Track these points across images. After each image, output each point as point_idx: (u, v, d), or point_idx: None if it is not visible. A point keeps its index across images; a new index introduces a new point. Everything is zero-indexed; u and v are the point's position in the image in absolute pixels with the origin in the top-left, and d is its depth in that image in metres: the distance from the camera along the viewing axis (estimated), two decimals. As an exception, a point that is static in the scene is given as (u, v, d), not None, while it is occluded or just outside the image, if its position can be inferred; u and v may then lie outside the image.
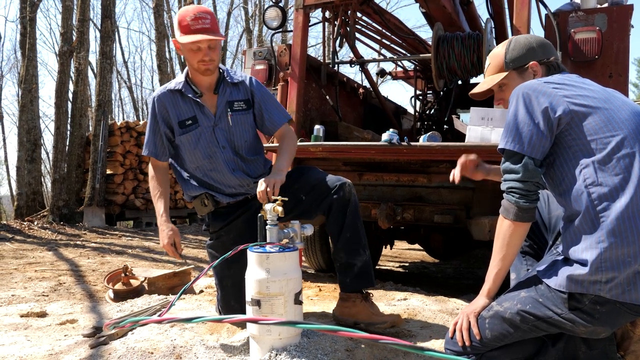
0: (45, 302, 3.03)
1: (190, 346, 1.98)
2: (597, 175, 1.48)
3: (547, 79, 1.66)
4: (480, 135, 2.99)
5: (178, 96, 2.33)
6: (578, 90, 1.60)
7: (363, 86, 5.07)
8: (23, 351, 2.05)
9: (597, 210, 1.46)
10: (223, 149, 2.33)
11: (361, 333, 1.05)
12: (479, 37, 3.91)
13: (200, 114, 2.31)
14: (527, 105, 1.59)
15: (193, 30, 2.16)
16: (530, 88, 1.62)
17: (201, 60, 2.22)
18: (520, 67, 1.79)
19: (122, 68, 25.15)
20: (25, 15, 9.94)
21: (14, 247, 5.74)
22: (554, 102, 1.56)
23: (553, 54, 1.80)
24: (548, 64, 1.78)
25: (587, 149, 1.52)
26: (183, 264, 4.42)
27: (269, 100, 2.44)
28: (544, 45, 1.81)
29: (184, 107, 2.32)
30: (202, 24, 2.17)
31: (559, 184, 1.60)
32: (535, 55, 1.78)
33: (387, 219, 3.29)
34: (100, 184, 8.68)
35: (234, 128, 2.35)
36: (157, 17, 15.09)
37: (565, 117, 1.54)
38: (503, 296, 1.70)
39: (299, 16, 3.76)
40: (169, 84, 2.38)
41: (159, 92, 2.36)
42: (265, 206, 1.99)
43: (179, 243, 2.32)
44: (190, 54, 2.23)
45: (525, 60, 1.78)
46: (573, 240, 1.52)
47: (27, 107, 9.32)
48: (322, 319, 2.46)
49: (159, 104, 2.33)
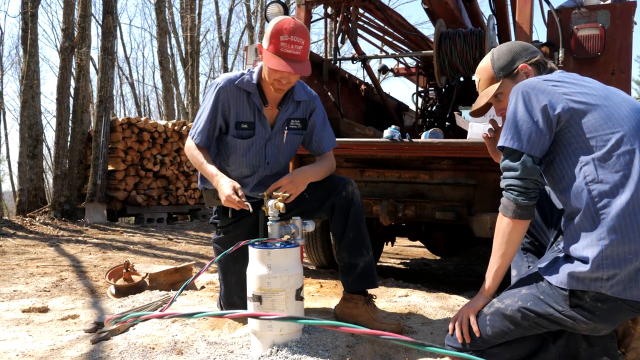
0: (47, 297, 3.04)
1: (191, 342, 1.99)
2: (597, 173, 1.48)
3: (546, 77, 1.66)
4: (482, 131, 2.98)
5: (244, 96, 2.24)
6: (577, 87, 1.60)
7: (365, 83, 5.06)
8: (25, 346, 2.05)
9: (597, 207, 1.46)
10: (267, 165, 2.31)
11: (362, 328, 1.06)
12: (482, 34, 3.90)
13: (259, 123, 2.26)
14: (526, 103, 1.59)
15: (282, 53, 2.05)
16: (530, 86, 1.62)
17: (278, 81, 2.14)
18: (510, 72, 1.80)
19: (124, 64, 25.17)
20: (26, 11, 9.93)
21: (15, 243, 5.75)
22: (553, 99, 1.56)
23: (537, 53, 1.82)
24: (537, 63, 1.79)
25: (587, 146, 1.52)
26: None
27: (323, 124, 2.40)
28: (526, 47, 1.83)
29: (246, 109, 2.25)
30: (292, 50, 2.05)
31: (559, 181, 1.60)
32: (521, 57, 1.80)
33: (389, 216, 3.29)
34: (101, 180, 8.69)
35: (286, 146, 2.33)
36: (158, 14, 15.07)
37: (565, 115, 1.54)
38: (504, 293, 1.70)
39: (301, 12, 3.76)
40: (238, 77, 2.25)
41: (225, 83, 2.23)
42: (267, 203, 1.99)
43: (241, 190, 2.05)
44: (270, 72, 2.13)
45: (513, 65, 1.80)
46: (574, 238, 1.52)
47: (28, 103, 9.32)
48: (323, 315, 2.47)
49: (224, 95, 2.22)
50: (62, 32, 9.34)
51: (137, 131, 9.26)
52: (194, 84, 17.86)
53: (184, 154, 10.02)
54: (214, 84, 2.26)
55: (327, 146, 2.41)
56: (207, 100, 2.27)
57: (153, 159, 9.45)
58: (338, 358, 1.80)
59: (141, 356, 1.85)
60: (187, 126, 10.15)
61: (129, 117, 9.37)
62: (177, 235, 7.51)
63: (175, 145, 9.86)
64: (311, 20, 3.94)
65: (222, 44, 20.85)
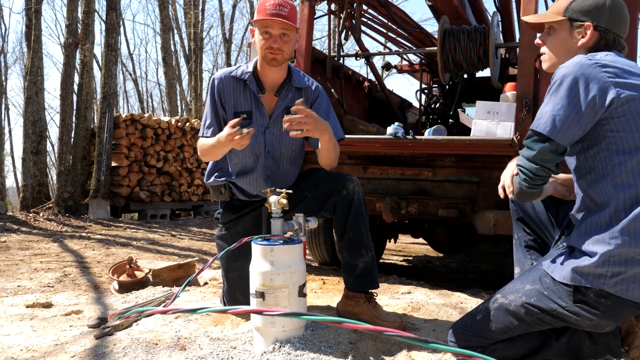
0: (50, 293, 3.05)
1: (194, 337, 1.99)
2: (628, 174, 1.46)
3: (599, 59, 1.51)
4: (486, 129, 2.98)
5: (241, 86, 2.26)
6: (630, 78, 1.48)
7: (368, 79, 5.05)
8: (29, 341, 2.06)
9: (619, 208, 1.45)
10: (267, 154, 2.29)
11: (365, 325, 1.05)
12: (486, 31, 3.89)
13: (256, 111, 2.25)
14: (571, 89, 1.48)
15: (268, 13, 2.10)
16: (580, 70, 1.48)
17: (269, 47, 2.13)
18: (575, 20, 1.64)
19: (127, 60, 25.23)
20: (30, 7, 9.94)
21: (19, 239, 5.77)
22: (603, 88, 1.45)
23: (616, 27, 1.62)
24: (603, 34, 1.61)
25: (623, 144, 1.47)
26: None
27: (327, 113, 2.34)
28: (616, 13, 1.62)
29: (243, 99, 2.26)
30: (279, 10, 2.09)
31: (587, 172, 1.56)
32: (599, 18, 1.60)
33: (392, 213, 3.28)
34: (105, 176, 8.71)
35: (285, 136, 2.28)
36: (162, 10, 15.10)
37: (611, 107, 1.45)
38: (508, 289, 1.69)
39: (305, 9, 3.75)
40: (234, 69, 2.29)
41: (221, 75, 2.27)
42: (270, 199, 1.99)
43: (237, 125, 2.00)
44: (260, 40, 2.14)
45: (584, 17, 1.62)
46: (587, 231, 1.51)
47: (32, 99, 9.34)
48: (326, 312, 2.47)
49: (219, 87, 2.25)
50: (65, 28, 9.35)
51: (141, 127, 9.28)
52: (197, 81, 17.86)
53: (187, 151, 10.03)
54: (212, 79, 2.30)
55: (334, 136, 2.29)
56: (208, 96, 2.30)
57: (156, 156, 9.47)
58: (341, 355, 1.80)
59: (144, 352, 1.86)
60: (190, 122, 10.16)
61: (133, 114, 9.38)
62: (180, 232, 7.53)
63: (178, 141, 9.88)
64: (315, 16, 3.93)
65: (225, 40, 20.85)
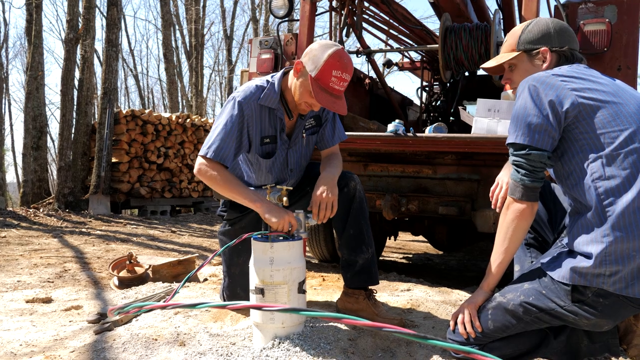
0: (50, 288, 3.05)
1: (194, 333, 1.99)
2: (604, 170, 1.48)
3: (555, 71, 1.64)
4: (487, 126, 2.98)
5: (266, 112, 2.14)
6: (587, 83, 1.58)
7: (369, 77, 5.05)
8: (28, 336, 2.07)
9: (603, 204, 1.46)
10: (291, 172, 2.28)
11: (365, 321, 1.06)
12: (487, 29, 3.88)
13: (282, 134, 2.20)
14: (534, 98, 1.57)
15: (330, 89, 1.99)
16: (538, 80, 1.60)
17: (309, 106, 2.08)
18: (530, 50, 1.76)
19: (128, 56, 25.24)
20: (31, 2, 9.93)
21: (19, 234, 5.78)
22: (561, 95, 1.54)
23: (568, 43, 1.74)
24: (560, 52, 1.73)
25: (594, 143, 1.51)
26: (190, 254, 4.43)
27: (334, 122, 2.35)
28: (563, 32, 1.75)
29: (268, 124, 2.16)
30: (340, 87, 2.00)
31: (566, 177, 1.59)
32: (550, 41, 1.74)
33: (392, 210, 3.28)
34: (105, 172, 8.70)
35: (306, 148, 2.27)
36: (163, 5, 15.06)
37: (573, 111, 1.53)
38: (506, 287, 1.70)
39: (306, 5, 3.74)
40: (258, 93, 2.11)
41: (246, 100, 2.08)
42: (270, 195, 1.99)
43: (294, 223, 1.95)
44: (305, 96, 2.05)
45: (537, 45, 1.75)
46: (579, 233, 1.52)
47: (33, 94, 9.34)
48: (326, 309, 2.47)
49: (247, 113, 2.08)
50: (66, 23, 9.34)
51: (141, 123, 9.27)
52: (198, 77, 17.85)
53: (187, 147, 10.03)
54: (234, 101, 2.09)
55: (336, 138, 2.37)
56: (226, 116, 2.07)
57: (157, 152, 9.47)
58: (340, 351, 1.81)
59: (144, 347, 1.86)
60: (190, 119, 10.15)
61: (133, 110, 9.37)
62: (180, 228, 7.53)
63: (179, 137, 9.87)
64: (316, 13, 3.92)
65: (226, 36, 20.82)
